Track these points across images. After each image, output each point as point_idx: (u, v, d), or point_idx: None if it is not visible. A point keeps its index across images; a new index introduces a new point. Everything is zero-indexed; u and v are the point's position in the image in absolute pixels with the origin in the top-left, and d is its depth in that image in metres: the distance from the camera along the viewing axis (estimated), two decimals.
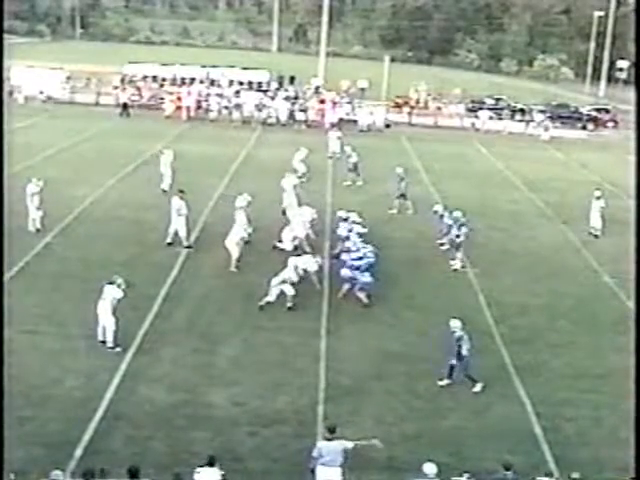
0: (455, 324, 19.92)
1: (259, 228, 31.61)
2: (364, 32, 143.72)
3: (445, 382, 20.10)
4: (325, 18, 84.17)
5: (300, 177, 38.03)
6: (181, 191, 29.90)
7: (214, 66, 75.40)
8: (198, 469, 14.37)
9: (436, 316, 24.60)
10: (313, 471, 15.32)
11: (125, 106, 61.65)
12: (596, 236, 34.39)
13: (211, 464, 14.38)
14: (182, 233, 29.49)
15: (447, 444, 17.41)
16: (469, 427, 18.47)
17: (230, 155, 46.11)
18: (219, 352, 21.38)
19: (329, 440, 15.42)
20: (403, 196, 36.09)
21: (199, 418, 18.06)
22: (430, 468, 14.42)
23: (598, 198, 35.15)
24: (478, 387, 19.94)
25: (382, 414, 18.79)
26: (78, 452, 16.23)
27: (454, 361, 19.89)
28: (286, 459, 16.67)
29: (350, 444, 15.34)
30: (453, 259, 29.40)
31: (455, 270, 29.03)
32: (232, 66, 75.80)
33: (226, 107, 61.81)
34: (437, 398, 19.73)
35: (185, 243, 29.52)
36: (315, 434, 17.50)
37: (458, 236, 29.20)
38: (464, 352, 19.72)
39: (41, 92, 65.40)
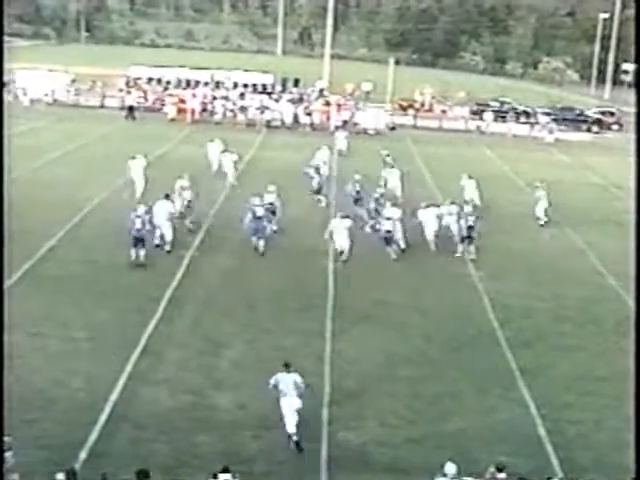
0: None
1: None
2: (369, 35, 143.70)
3: None
4: (330, 21, 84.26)
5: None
6: (167, 196, 30.18)
7: (219, 69, 75.43)
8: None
9: (441, 319, 24.65)
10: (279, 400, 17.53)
11: (131, 109, 61.78)
12: (542, 225, 35.80)
13: (226, 471, 14.24)
14: (169, 237, 29.32)
15: (451, 447, 17.37)
16: (473, 430, 18.44)
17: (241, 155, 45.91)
18: (223, 355, 21.39)
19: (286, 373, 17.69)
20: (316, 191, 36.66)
21: (203, 421, 18.05)
22: (450, 468, 14.41)
23: (537, 187, 37.30)
24: None
25: (386, 417, 18.77)
26: (83, 454, 16.23)
27: None
28: (290, 462, 16.65)
29: (300, 379, 17.61)
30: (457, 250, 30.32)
31: (458, 257, 30.05)
32: (237, 69, 75.79)
33: (231, 110, 61.86)
34: (441, 401, 19.71)
35: (168, 247, 29.22)
36: (320, 437, 17.50)
37: (470, 228, 29.92)
38: None
39: (46, 95, 65.52)
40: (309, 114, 62.29)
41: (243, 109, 61.58)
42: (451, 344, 22.99)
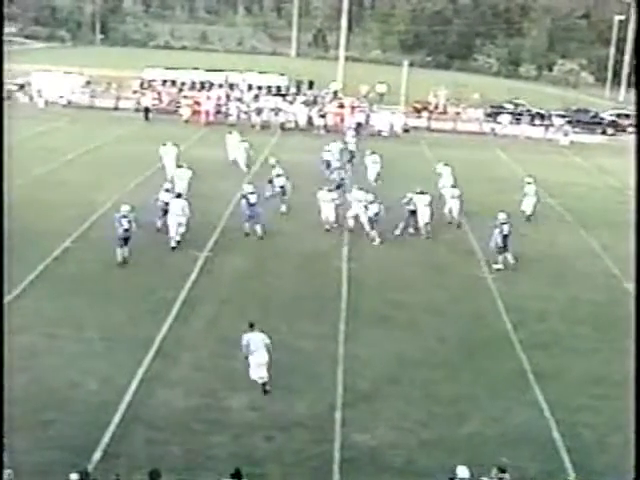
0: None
1: (280, 232, 31.85)
2: (383, 37, 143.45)
3: None
4: (344, 23, 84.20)
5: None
6: (179, 195, 31.51)
7: (233, 71, 75.48)
8: None
9: (455, 321, 24.62)
10: (247, 357, 19.61)
11: (147, 110, 62.06)
12: (528, 218, 36.55)
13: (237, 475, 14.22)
14: (182, 229, 30.27)
15: (465, 450, 17.35)
16: (488, 433, 18.41)
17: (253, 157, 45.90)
18: (237, 356, 21.35)
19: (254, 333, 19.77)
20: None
21: (217, 422, 18.08)
22: (463, 471, 14.39)
23: (529, 183, 37.98)
24: None
25: (400, 419, 18.76)
26: (97, 455, 16.28)
27: None
28: (303, 464, 16.66)
29: (267, 337, 19.72)
30: (496, 262, 29.66)
31: (499, 270, 29.39)
32: (251, 71, 75.84)
33: (245, 112, 61.91)
34: (456, 404, 19.68)
35: (174, 244, 29.93)
36: (332, 439, 17.50)
37: (506, 237, 29.54)
38: None
39: (61, 97, 65.69)
40: (323, 116, 62.25)
41: (259, 111, 61.61)
42: (465, 346, 22.96)
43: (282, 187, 35.55)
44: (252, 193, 32.13)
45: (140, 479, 14.16)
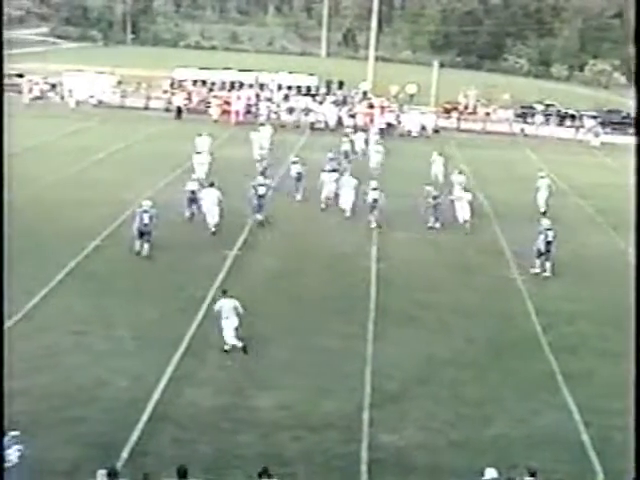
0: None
1: (309, 232, 31.90)
2: (413, 37, 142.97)
3: None
4: (374, 23, 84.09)
5: None
6: (212, 184, 32.65)
7: (263, 71, 75.57)
8: None
9: (483, 322, 24.54)
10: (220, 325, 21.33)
11: (179, 109, 62.44)
12: (544, 213, 36.19)
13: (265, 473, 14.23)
14: (217, 219, 31.56)
15: (493, 452, 17.28)
16: (515, 435, 18.33)
17: (280, 158, 45.91)
18: (266, 355, 21.43)
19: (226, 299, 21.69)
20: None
21: (245, 421, 18.10)
22: (490, 473, 14.34)
23: (542, 177, 39.25)
24: None
25: (428, 420, 18.72)
26: (125, 453, 16.35)
27: None
28: (331, 464, 16.65)
29: (238, 304, 21.56)
30: (544, 270, 29.31)
31: (536, 274, 29.08)
32: (281, 71, 75.89)
33: (275, 112, 62.01)
34: (483, 405, 19.61)
35: (213, 229, 31.55)
36: (360, 440, 17.49)
37: (549, 243, 29.22)
38: None
39: (92, 96, 66.03)
40: (353, 116, 62.24)
41: (290, 110, 61.77)
42: (494, 347, 22.88)
43: (299, 174, 38.08)
44: (262, 185, 33.50)
45: (167, 477, 14.18)
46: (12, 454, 13.91)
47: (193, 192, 32.63)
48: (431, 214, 34.61)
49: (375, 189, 34.62)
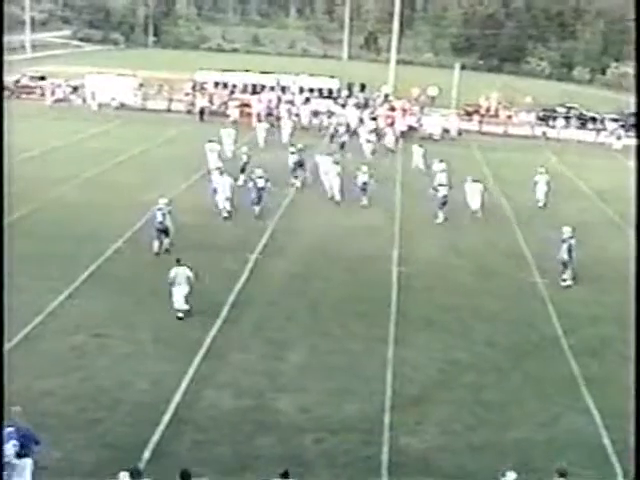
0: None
1: (330, 235, 31.92)
2: (435, 40, 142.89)
3: None
4: (396, 26, 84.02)
5: None
6: (221, 172, 35.03)
7: (285, 73, 75.61)
8: None
9: (504, 326, 24.49)
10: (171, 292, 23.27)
11: (202, 111, 62.79)
12: (543, 206, 39.20)
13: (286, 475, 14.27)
14: (228, 205, 33.97)
15: (514, 455, 17.24)
16: (537, 438, 18.28)
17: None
18: (286, 358, 21.47)
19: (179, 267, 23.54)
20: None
21: (265, 424, 18.13)
22: (511, 476, 14.30)
23: (541, 173, 40.52)
24: None
25: (449, 423, 18.70)
26: (146, 455, 16.41)
27: None
28: (352, 466, 16.66)
29: (190, 272, 23.50)
30: (564, 279, 28.95)
31: (568, 287, 28.69)
32: (303, 73, 75.91)
33: (296, 114, 62.05)
34: (505, 409, 19.57)
35: (226, 214, 33.83)
36: (381, 442, 17.48)
37: (569, 252, 28.93)
38: None
39: (114, 99, 66.29)
40: (374, 119, 62.19)
41: (316, 114, 62.05)
42: (515, 351, 22.83)
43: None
44: (260, 177, 34.54)
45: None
46: (9, 449, 14.05)
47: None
48: (439, 209, 35.75)
49: (365, 173, 37.86)
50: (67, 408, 18.11)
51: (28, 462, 14.47)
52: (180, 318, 23.29)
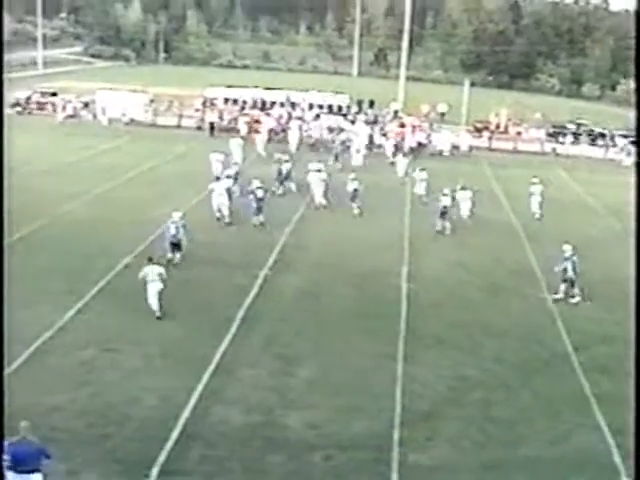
0: None
1: (340, 252, 31.89)
2: (444, 56, 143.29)
3: None
4: (405, 42, 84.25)
5: None
6: (217, 178, 37.61)
7: (295, 90, 75.78)
8: None
9: (514, 342, 24.42)
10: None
11: (212, 126, 63.04)
12: (540, 217, 40.18)
13: None
14: (225, 210, 35.46)
15: (524, 473, 17.20)
16: (547, 456, 18.21)
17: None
18: (296, 374, 21.44)
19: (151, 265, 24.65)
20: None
21: (274, 440, 18.09)
22: None
23: (534, 183, 41.78)
24: None
25: (458, 440, 18.64)
26: (154, 471, 16.38)
27: None
28: None
29: (162, 270, 24.65)
30: (572, 296, 28.80)
31: (576, 304, 28.54)
32: (312, 90, 76.07)
33: (306, 130, 62.13)
34: (514, 426, 19.51)
35: (228, 220, 35.29)
36: (390, 459, 17.43)
37: (574, 270, 28.79)
38: None
39: (124, 115, 66.50)
40: (384, 135, 62.25)
41: (331, 130, 62.17)
42: (524, 368, 22.76)
43: (287, 172, 42.25)
44: (259, 188, 35.53)
45: None
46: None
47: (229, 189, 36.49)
48: (439, 218, 36.48)
49: (354, 179, 39.24)
50: (76, 423, 18.11)
51: (38, 477, 14.46)
52: (159, 318, 24.17)
